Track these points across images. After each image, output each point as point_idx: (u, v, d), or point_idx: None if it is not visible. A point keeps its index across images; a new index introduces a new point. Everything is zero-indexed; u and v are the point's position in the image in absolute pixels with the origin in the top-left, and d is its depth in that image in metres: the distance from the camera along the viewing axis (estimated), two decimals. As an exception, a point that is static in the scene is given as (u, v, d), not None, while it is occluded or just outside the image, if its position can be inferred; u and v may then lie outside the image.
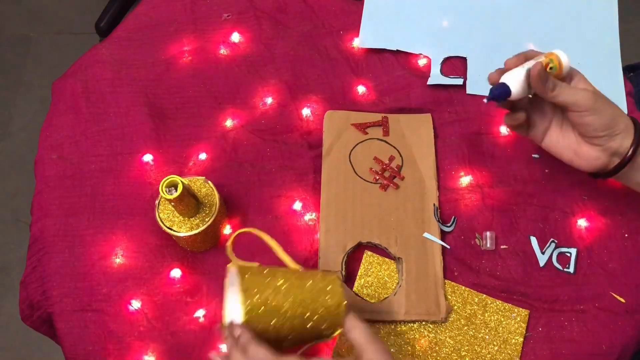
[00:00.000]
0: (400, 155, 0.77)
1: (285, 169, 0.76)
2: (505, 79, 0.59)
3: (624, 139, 0.61)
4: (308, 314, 0.54)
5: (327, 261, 0.70)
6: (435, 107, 0.81)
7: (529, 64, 0.60)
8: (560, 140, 0.66)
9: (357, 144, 0.77)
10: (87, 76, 0.82)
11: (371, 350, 0.53)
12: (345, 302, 0.55)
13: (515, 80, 0.59)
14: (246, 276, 0.54)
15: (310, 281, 0.55)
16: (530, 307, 0.68)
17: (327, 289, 0.55)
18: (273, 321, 0.53)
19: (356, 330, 0.54)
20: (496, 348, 0.67)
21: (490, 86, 0.60)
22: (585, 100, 0.60)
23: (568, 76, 0.63)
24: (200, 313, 0.68)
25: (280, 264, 0.59)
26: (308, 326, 0.54)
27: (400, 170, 0.76)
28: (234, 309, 0.53)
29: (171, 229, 0.66)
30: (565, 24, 0.87)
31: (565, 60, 0.60)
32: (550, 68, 0.60)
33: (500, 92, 0.56)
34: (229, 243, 0.59)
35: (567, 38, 0.85)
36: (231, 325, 0.53)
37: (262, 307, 0.52)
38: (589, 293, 0.69)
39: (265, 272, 0.55)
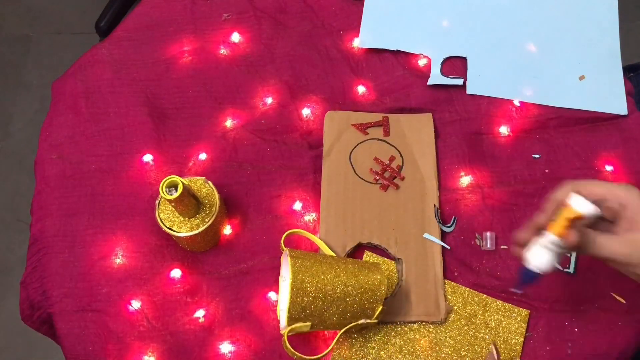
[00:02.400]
0: (401, 155, 0.77)
1: (285, 169, 0.76)
2: (531, 263, 0.53)
3: None
4: (351, 295, 0.59)
5: (327, 261, 0.70)
6: (435, 107, 0.81)
7: (547, 239, 0.52)
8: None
9: (358, 144, 0.77)
10: (87, 76, 0.82)
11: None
12: (386, 281, 0.61)
13: (541, 261, 0.52)
14: (296, 260, 0.59)
15: (356, 265, 0.62)
16: (530, 307, 0.68)
17: (369, 272, 0.61)
18: (318, 303, 0.58)
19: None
20: (496, 348, 0.67)
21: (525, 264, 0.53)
22: (622, 254, 0.52)
23: (617, 214, 0.53)
24: (200, 313, 0.68)
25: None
26: (352, 305, 0.60)
27: (400, 171, 0.76)
28: (283, 289, 0.60)
29: (171, 229, 0.66)
30: (565, 24, 0.87)
31: (587, 210, 0.51)
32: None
33: (531, 278, 0.52)
34: (282, 240, 0.68)
35: (567, 38, 0.85)
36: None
37: (308, 288, 0.58)
38: (589, 293, 0.69)
39: (313, 258, 0.61)
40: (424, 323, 0.68)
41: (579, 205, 0.51)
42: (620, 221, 0.53)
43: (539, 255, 0.52)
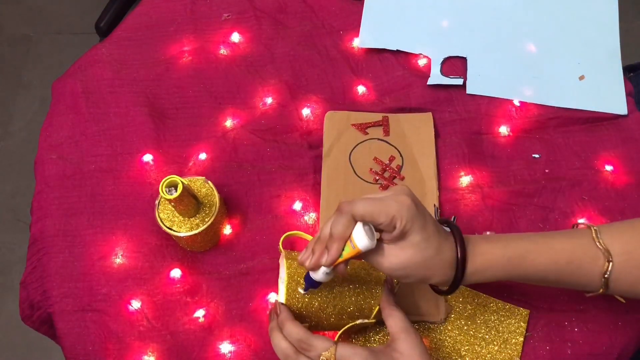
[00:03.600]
0: (401, 155, 0.77)
1: (285, 169, 0.76)
2: (312, 276, 0.56)
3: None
4: (347, 295, 0.59)
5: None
6: (435, 107, 0.81)
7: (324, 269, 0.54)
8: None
9: (357, 145, 0.77)
10: (87, 76, 0.82)
11: (403, 339, 0.55)
12: (384, 280, 0.60)
13: (321, 277, 0.55)
14: (292, 262, 0.59)
15: (353, 266, 0.61)
16: (530, 307, 0.68)
17: (366, 274, 0.60)
18: (314, 304, 0.58)
19: (392, 318, 0.57)
20: (496, 348, 0.66)
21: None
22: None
23: (401, 235, 0.52)
24: (200, 313, 0.68)
25: None
26: (349, 306, 0.59)
27: (400, 171, 0.76)
28: (281, 290, 0.60)
29: (171, 229, 0.66)
30: (565, 24, 0.87)
31: (363, 245, 0.51)
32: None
33: (313, 284, 0.56)
34: (280, 242, 0.64)
35: (567, 38, 0.85)
36: (276, 303, 0.58)
37: (303, 292, 0.57)
38: (589, 293, 0.69)
39: None
40: (423, 323, 0.68)
41: (359, 240, 0.51)
42: (397, 234, 0.52)
43: (319, 273, 0.54)
